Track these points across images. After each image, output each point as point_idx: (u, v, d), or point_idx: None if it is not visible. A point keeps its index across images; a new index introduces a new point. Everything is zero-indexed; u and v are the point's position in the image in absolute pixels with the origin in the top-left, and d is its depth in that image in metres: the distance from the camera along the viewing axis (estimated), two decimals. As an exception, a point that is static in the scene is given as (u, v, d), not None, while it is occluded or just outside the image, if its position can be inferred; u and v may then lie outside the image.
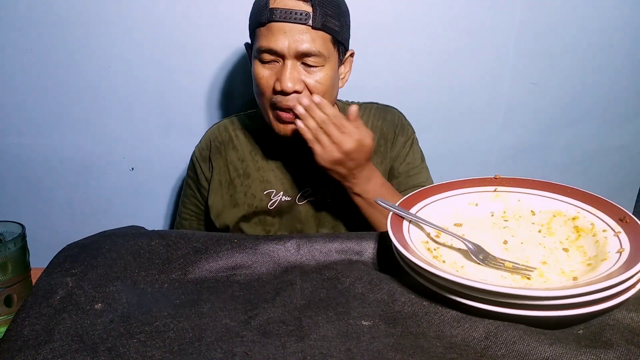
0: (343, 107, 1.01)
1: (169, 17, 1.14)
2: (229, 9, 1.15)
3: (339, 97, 1.04)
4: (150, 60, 1.18)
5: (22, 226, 0.66)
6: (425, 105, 1.27)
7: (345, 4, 0.88)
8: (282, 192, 0.95)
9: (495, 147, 1.37)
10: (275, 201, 0.95)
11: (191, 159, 1.03)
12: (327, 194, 0.96)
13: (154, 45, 1.16)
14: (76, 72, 1.17)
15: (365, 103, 1.04)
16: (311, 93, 0.84)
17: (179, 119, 1.24)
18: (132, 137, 1.25)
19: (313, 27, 0.80)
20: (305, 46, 0.80)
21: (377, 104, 1.04)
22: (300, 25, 0.80)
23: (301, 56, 0.82)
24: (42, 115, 1.21)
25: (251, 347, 0.50)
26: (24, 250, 0.66)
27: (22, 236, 0.65)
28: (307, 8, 0.80)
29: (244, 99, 1.24)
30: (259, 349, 0.50)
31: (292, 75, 0.82)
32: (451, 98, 1.29)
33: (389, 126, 1.01)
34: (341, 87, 0.93)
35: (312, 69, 0.83)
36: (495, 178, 0.75)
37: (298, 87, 0.82)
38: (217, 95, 1.23)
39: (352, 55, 0.94)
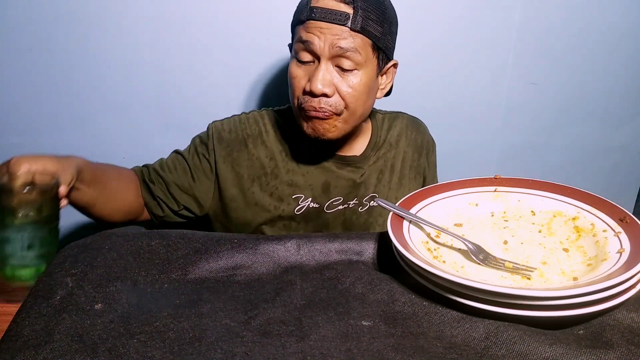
0: (374, 115, 0.99)
1: (169, 17, 1.14)
2: (228, 8, 1.15)
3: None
4: (149, 60, 1.18)
5: (55, 178, 0.67)
6: (426, 106, 1.27)
7: (394, 13, 0.85)
8: (310, 199, 0.92)
9: (495, 147, 1.37)
10: (303, 207, 0.92)
11: (207, 132, 0.94)
12: (359, 204, 0.94)
13: (153, 45, 1.16)
14: (76, 72, 1.17)
15: (393, 112, 1.03)
16: (343, 99, 0.81)
17: (178, 119, 1.24)
18: (131, 137, 1.25)
19: (352, 29, 0.78)
20: (340, 46, 0.78)
21: (405, 113, 1.04)
22: (338, 26, 0.78)
23: (336, 58, 0.79)
24: (42, 115, 1.21)
25: (251, 348, 0.50)
26: (56, 198, 0.67)
27: (56, 185, 0.66)
28: (348, 9, 0.78)
29: (244, 98, 1.24)
30: (259, 349, 0.50)
31: (324, 77, 0.79)
32: (452, 98, 1.29)
33: (422, 139, 1.02)
34: (379, 98, 0.90)
35: (346, 73, 0.80)
36: (495, 178, 0.75)
37: (327, 90, 0.79)
38: (217, 95, 1.23)
39: (395, 66, 0.90)
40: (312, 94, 0.80)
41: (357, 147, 0.95)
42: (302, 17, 0.80)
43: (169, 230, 0.70)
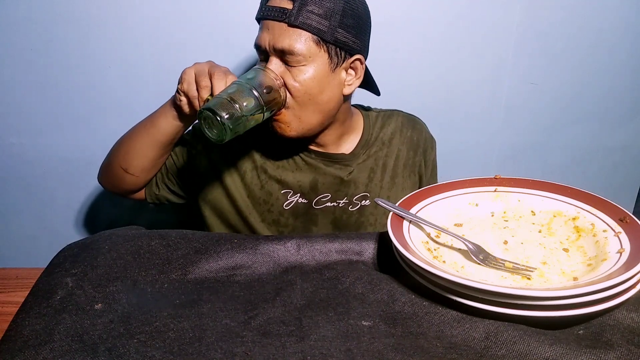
0: (367, 114, 0.99)
1: (169, 17, 1.14)
2: (229, 8, 1.15)
3: (360, 102, 1.03)
4: (150, 60, 1.18)
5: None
6: (425, 105, 1.27)
7: (354, 5, 0.82)
8: (299, 194, 0.94)
9: (495, 147, 1.37)
10: (292, 202, 0.93)
11: (192, 131, 0.96)
12: (350, 203, 0.95)
13: (154, 45, 1.16)
14: (76, 72, 1.17)
15: (388, 110, 1.03)
16: (292, 94, 0.82)
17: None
18: (132, 137, 1.25)
19: (290, 24, 0.78)
20: (280, 43, 0.79)
21: (401, 111, 1.03)
22: (279, 22, 0.79)
23: (281, 54, 0.80)
24: (42, 115, 1.21)
25: (251, 348, 0.50)
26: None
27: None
28: (287, 5, 0.78)
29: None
30: (259, 349, 0.50)
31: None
32: (451, 98, 1.29)
33: (419, 136, 1.01)
34: (345, 94, 0.88)
35: (292, 68, 0.81)
36: (495, 178, 0.75)
37: None
38: (217, 95, 1.23)
39: (360, 61, 0.86)
40: None
41: (347, 146, 0.95)
42: (256, 17, 0.84)
43: (169, 230, 0.70)
